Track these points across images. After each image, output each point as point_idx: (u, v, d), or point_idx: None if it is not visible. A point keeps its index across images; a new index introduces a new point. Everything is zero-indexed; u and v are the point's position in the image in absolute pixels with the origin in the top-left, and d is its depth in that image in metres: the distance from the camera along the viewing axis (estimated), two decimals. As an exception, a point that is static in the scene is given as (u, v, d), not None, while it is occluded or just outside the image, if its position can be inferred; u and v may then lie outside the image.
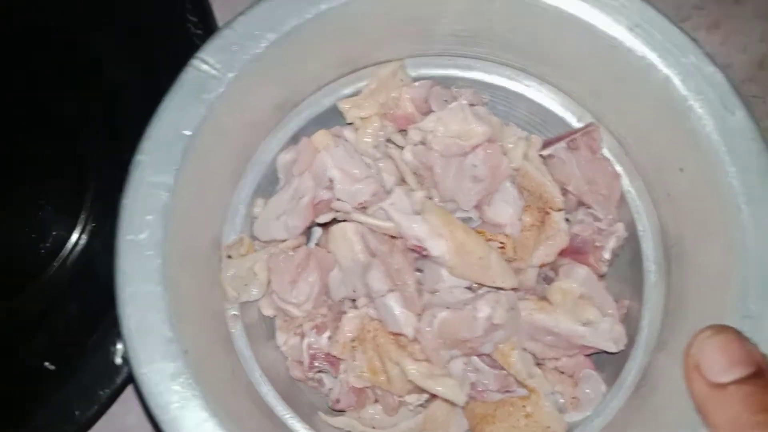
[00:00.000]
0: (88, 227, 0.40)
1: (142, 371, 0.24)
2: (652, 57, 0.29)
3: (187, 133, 0.27)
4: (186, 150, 0.27)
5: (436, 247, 0.30)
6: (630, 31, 0.29)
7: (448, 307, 0.30)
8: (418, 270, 0.33)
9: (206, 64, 0.28)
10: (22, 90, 0.43)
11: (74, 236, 0.40)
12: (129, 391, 0.35)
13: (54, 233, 0.40)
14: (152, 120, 0.27)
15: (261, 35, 0.28)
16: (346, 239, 0.33)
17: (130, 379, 0.31)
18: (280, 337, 0.34)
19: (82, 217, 0.41)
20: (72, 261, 0.40)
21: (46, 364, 0.36)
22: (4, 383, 0.35)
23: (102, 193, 0.41)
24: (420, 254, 0.31)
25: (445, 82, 0.35)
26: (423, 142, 0.34)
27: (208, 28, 0.37)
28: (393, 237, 0.32)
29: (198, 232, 0.30)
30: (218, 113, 0.28)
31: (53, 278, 0.39)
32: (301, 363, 0.34)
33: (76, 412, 0.31)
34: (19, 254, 0.40)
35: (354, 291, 0.33)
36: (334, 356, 0.32)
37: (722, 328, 0.26)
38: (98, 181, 0.41)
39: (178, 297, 0.26)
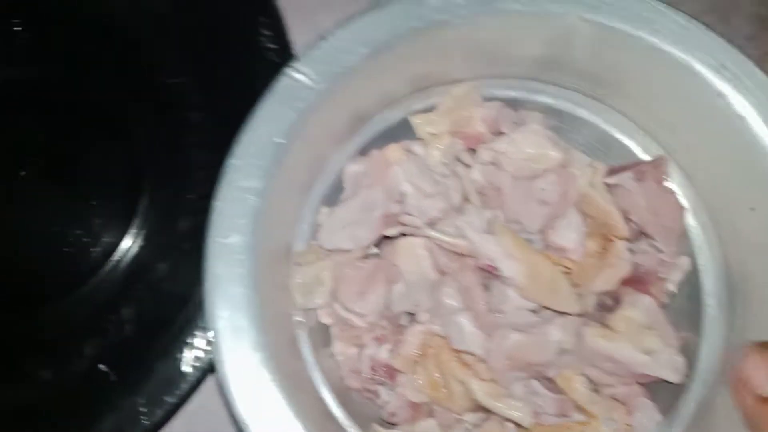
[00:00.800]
0: (142, 233, 0.40)
1: (230, 373, 0.24)
2: (734, 97, 0.30)
3: (279, 140, 0.28)
4: (276, 157, 0.28)
5: (510, 268, 0.30)
6: (715, 71, 0.29)
7: (517, 329, 0.30)
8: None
9: (301, 74, 0.28)
10: (79, 92, 0.42)
11: (127, 242, 0.40)
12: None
13: (106, 239, 0.40)
14: (246, 125, 0.28)
15: (354, 49, 0.29)
16: (415, 254, 0.33)
17: (196, 386, 0.31)
18: (337, 346, 0.34)
19: (136, 222, 0.40)
20: (124, 266, 0.39)
21: (101, 366, 0.36)
22: (65, 386, 0.35)
23: (156, 199, 0.41)
24: (491, 274, 0.31)
25: (513, 103, 0.36)
26: (493, 162, 0.34)
27: (282, 43, 0.36)
28: (461, 255, 0.32)
29: (276, 237, 0.30)
30: (307, 123, 0.29)
31: (104, 282, 0.39)
32: (358, 373, 0.34)
33: (143, 418, 0.31)
34: (70, 257, 0.40)
35: (416, 305, 0.33)
36: (395, 369, 0.33)
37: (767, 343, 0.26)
38: (153, 187, 0.41)
39: (264, 300, 0.26)
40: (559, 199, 0.33)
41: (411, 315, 0.34)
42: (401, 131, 0.36)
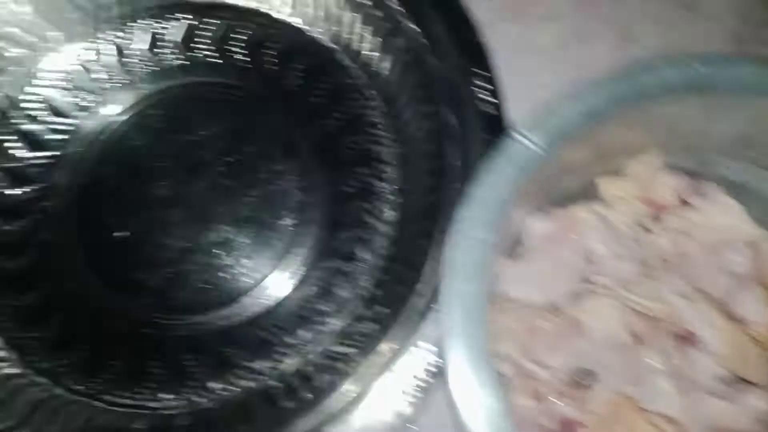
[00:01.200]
0: (298, 273, 0.41)
1: (469, 415, 0.26)
2: None
3: (505, 197, 0.30)
4: (501, 212, 0.30)
5: (710, 335, 0.31)
6: None
7: (716, 396, 0.31)
8: (668, 353, 0.34)
9: (527, 139, 0.30)
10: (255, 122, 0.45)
11: (278, 277, 0.41)
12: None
13: (257, 273, 0.41)
14: (476, 181, 0.30)
15: (575, 119, 0.31)
16: (604, 314, 0.34)
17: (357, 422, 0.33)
18: (515, 397, 0.36)
19: (290, 260, 0.42)
20: (270, 303, 0.41)
21: (272, 382, 0.38)
22: (239, 400, 0.38)
23: (314, 242, 0.42)
24: (688, 340, 0.32)
25: (694, 174, 0.37)
26: (681, 231, 0.35)
27: (495, 100, 0.39)
28: (653, 318, 0.33)
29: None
30: (525, 183, 0.31)
31: (241, 306, 0.41)
32: (537, 426, 0.35)
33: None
34: (215, 280, 0.41)
35: (599, 363, 0.34)
36: (580, 425, 0.33)
37: None
38: (311, 227, 0.42)
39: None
40: (748, 273, 0.34)
41: (588, 372, 0.35)
42: (584, 192, 0.37)
